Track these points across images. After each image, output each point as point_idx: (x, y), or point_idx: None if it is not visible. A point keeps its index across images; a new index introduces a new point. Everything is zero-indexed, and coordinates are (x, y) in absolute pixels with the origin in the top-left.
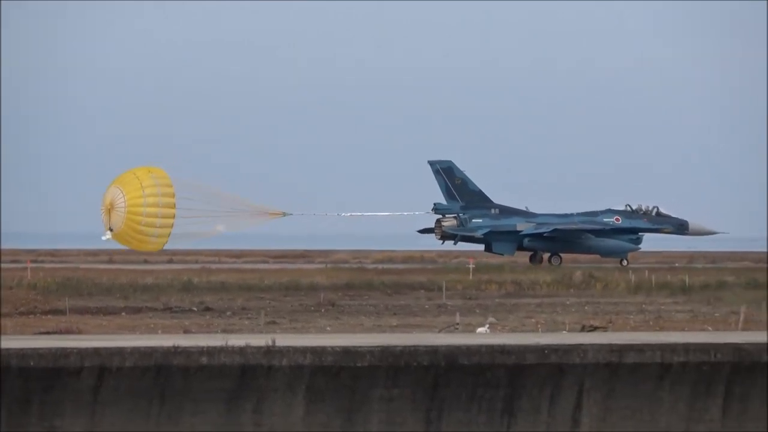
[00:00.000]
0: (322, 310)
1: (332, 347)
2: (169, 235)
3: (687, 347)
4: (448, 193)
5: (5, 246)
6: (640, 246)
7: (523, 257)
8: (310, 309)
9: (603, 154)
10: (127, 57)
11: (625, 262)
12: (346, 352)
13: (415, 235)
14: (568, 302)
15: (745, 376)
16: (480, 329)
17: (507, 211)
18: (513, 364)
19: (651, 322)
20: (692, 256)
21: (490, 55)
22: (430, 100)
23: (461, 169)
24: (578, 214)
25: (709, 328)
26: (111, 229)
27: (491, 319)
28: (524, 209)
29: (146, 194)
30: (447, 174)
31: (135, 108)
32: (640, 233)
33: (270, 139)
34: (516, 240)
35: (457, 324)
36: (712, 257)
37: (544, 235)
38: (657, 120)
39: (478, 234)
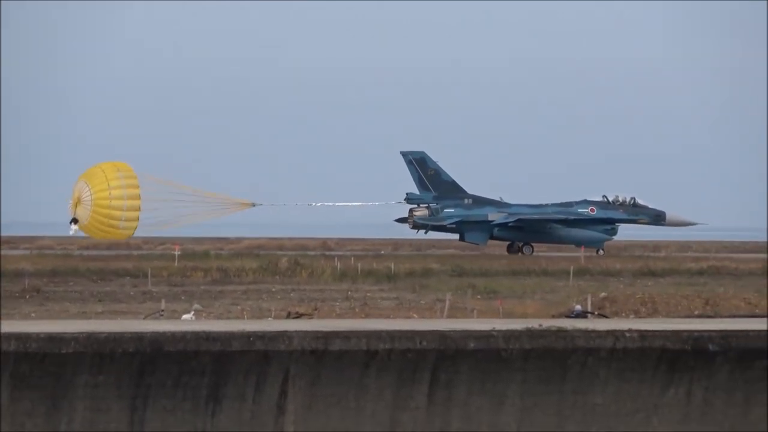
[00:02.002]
0: (27, 297)
1: (37, 334)
2: (135, 226)
3: (392, 334)
4: (420, 183)
5: None
6: (613, 236)
7: (501, 247)
8: (14, 295)
9: (603, 153)
10: (126, 57)
11: (600, 252)
12: (51, 338)
13: (390, 224)
14: (273, 289)
15: (450, 363)
16: (185, 316)
17: (480, 201)
18: (218, 351)
19: (357, 309)
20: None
21: (488, 54)
22: (432, 99)
23: (434, 159)
24: (553, 205)
25: (415, 316)
26: (76, 220)
27: (196, 306)
28: (498, 199)
29: (111, 186)
30: (420, 164)
31: (134, 108)
32: (616, 224)
33: (253, 135)
34: (487, 230)
35: (163, 311)
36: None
37: (509, 225)
38: (657, 119)
39: (448, 223)
